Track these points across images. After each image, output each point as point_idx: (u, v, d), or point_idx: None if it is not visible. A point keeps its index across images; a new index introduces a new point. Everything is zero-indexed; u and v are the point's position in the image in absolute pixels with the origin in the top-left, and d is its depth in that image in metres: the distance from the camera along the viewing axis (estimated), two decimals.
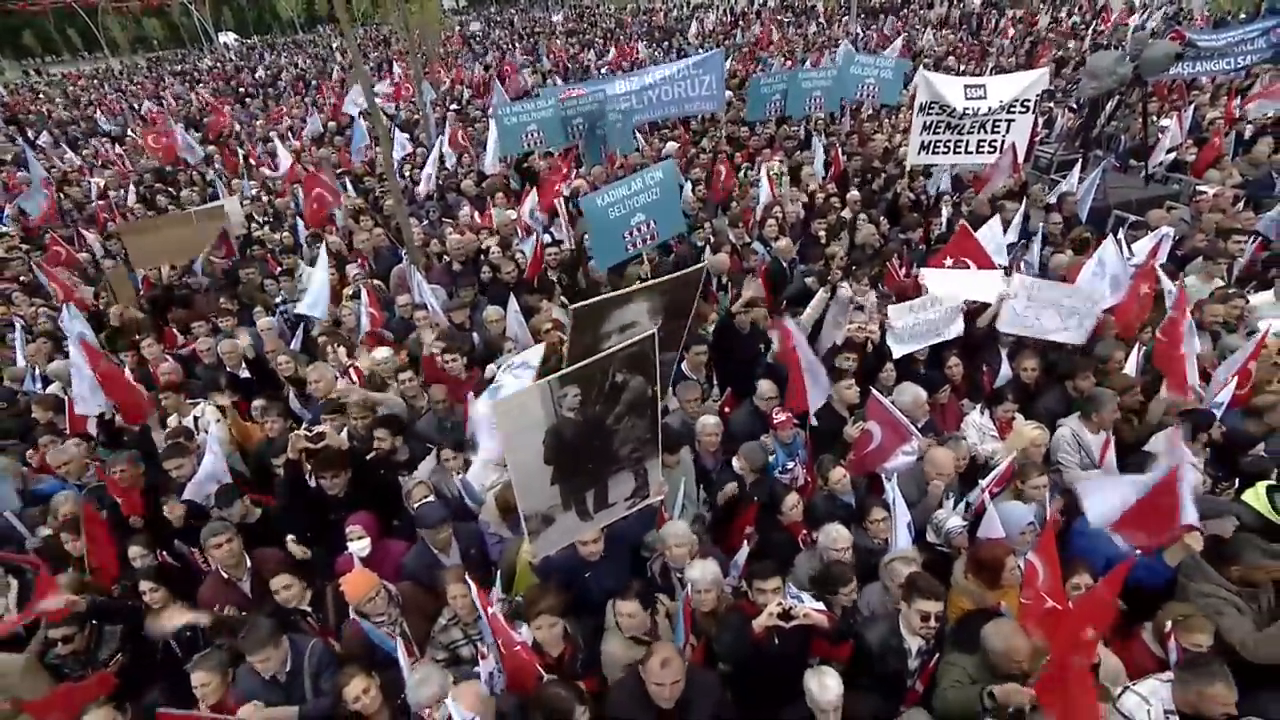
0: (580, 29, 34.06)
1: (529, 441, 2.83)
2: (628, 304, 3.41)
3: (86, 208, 12.62)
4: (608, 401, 2.96)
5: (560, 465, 2.98)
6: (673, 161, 7.51)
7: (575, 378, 2.81)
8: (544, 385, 2.76)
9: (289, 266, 7.71)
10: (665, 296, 3.50)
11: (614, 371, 2.90)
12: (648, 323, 3.51)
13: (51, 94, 28.20)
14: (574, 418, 2.88)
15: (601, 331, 3.38)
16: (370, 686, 3.18)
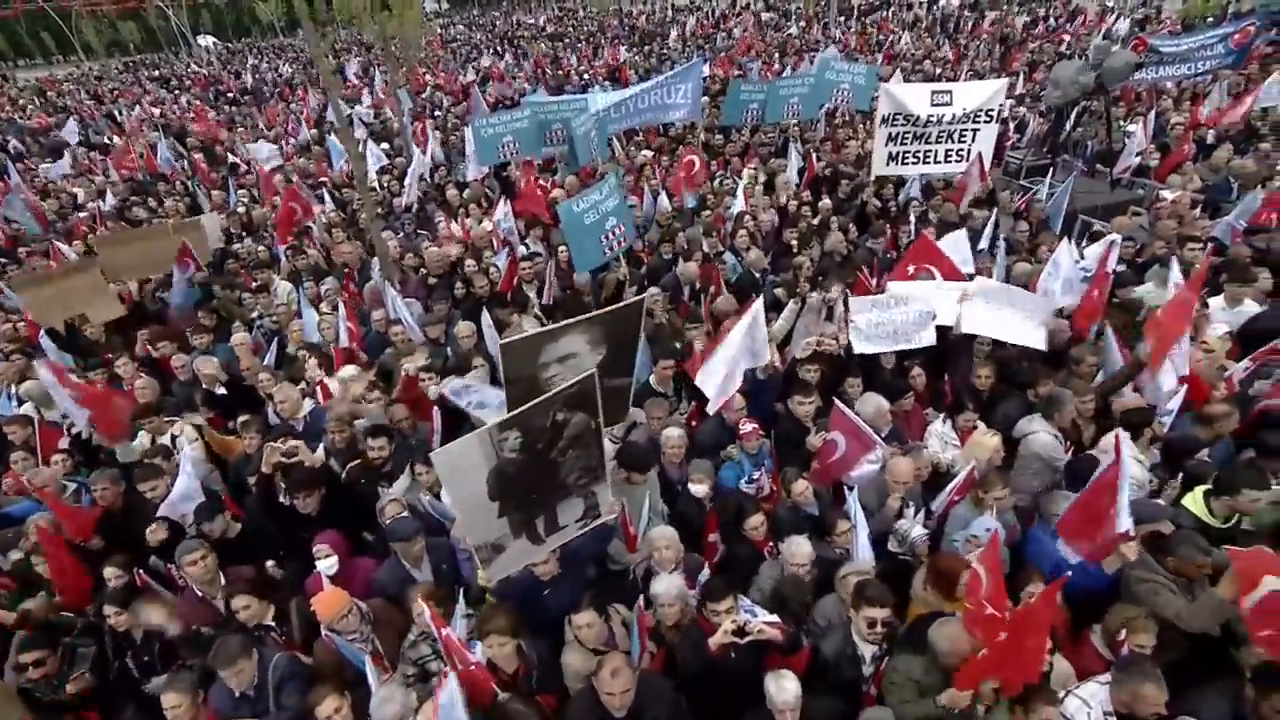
0: (562, 32, 34.11)
1: (471, 482, 2.90)
2: (563, 337, 3.41)
3: (68, 218, 12.53)
4: (550, 439, 3.04)
5: (506, 500, 3.06)
6: (618, 169, 7.65)
7: (515, 423, 2.88)
8: (483, 433, 2.81)
9: (264, 281, 7.72)
10: (605, 329, 3.52)
11: (554, 412, 2.98)
12: (588, 354, 3.54)
13: (25, 100, 27.79)
14: (517, 457, 2.95)
15: (540, 363, 3.41)
16: (342, 705, 3.24)
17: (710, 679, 3.38)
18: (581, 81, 19.30)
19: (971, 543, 3.96)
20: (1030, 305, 5.34)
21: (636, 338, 3.73)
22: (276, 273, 8.38)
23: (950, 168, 8.49)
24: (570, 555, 3.94)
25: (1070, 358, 5.20)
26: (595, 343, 3.51)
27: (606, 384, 3.81)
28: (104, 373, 6.26)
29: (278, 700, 3.52)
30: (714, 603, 3.33)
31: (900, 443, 4.95)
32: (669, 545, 3.88)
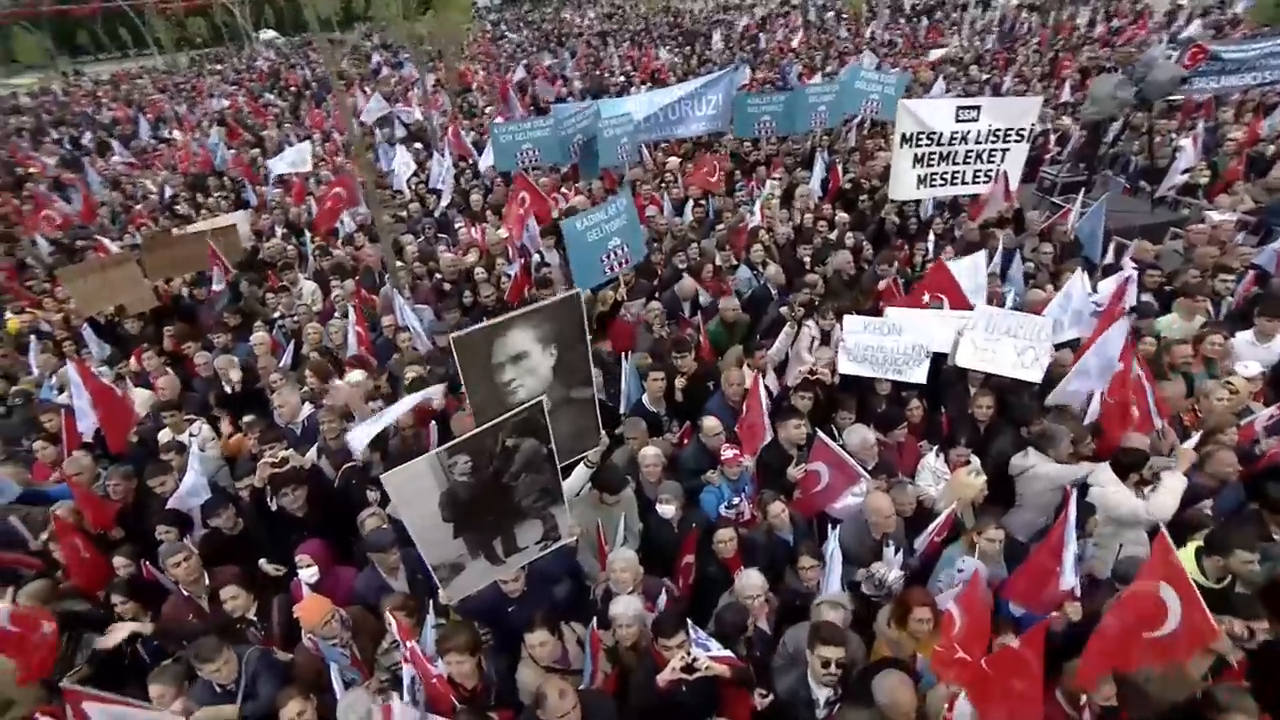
0: (609, 30, 34.16)
1: (424, 504, 3.01)
2: (509, 331, 3.47)
3: (130, 209, 13.25)
4: (501, 463, 3.12)
5: (460, 522, 3.15)
6: (628, 188, 7.64)
7: (463, 447, 2.97)
8: (431, 457, 2.91)
9: (288, 281, 8.03)
10: (550, 324, 3.58)
11: (503, 438, 3.05)
12: (539, 353, 3.61)
13: (102, 94, 29.30)
14: (467, 480, 3.04)
15: (493, 363, 3.47)
16: (306, 709, 3.39)
17: (661, 713, 3.41)
18: (621, 83, 19.34)
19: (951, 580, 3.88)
20: (1033, 334, 5.18)
21: (582, 335, 3.78)
22: (303, 272, 8.72)
23: (979, 188, 8.23)
24: (536, 575, 4.03)
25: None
26: (544, 340, 3.59)
27: (572, 395, 3.93)
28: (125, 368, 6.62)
29: (252, 691, 3.71)
30: (664, 638, 3.34)
31: (890, 475, 4.87)
32: (626, 568, 3.93)
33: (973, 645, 3.03)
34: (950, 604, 3.27)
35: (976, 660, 3.09)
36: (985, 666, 3.04)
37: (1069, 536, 3.36)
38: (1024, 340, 5.18)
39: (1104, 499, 4.21)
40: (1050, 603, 3.50)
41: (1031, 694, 2.92)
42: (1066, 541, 3.36)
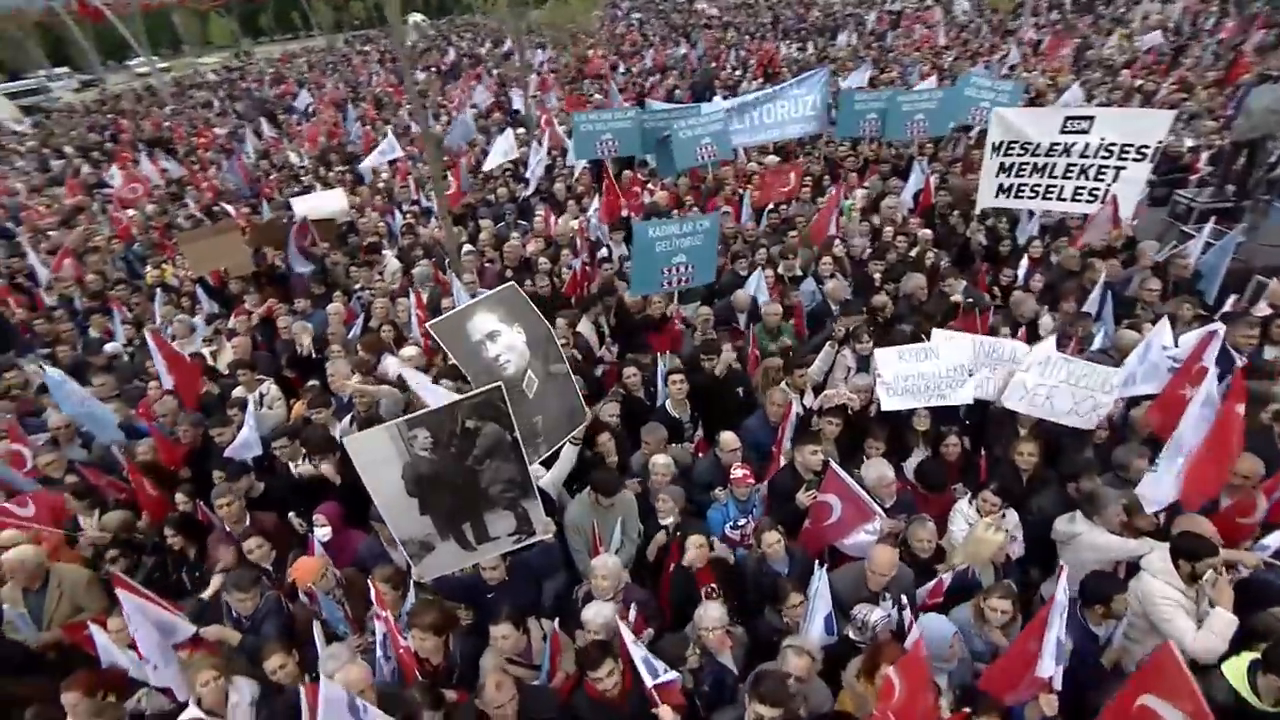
0: (736, 22, 33.62)
1: (387, 475, 3.17)
2: (474, 314, 3.76)
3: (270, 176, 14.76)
4: (462, 444, 3.21)
5: (425, 500, 3.29)
6: (718, 215, 7.47)
7: (423, 422, 3.10)
8: (391, 428, 3.07)
9: (370, 257, 8.61)
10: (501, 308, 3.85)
11: (462, 418, 3.14)
12: (509, 330, 3.86)
13: (263, 72, 32.57)
14: (428, 457, 3.16)
15: (473, 341, 3.72)
16: (287, 663, 3.69)
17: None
18: (737, 78, 18.99)
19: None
20: (1096, 385, 4.63)
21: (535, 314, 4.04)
22: (391, 249, 9.33)
23: (1075, 207, 7.42)
24: (521, 567, 4.13)
25: (1114, 459, 4.46)
26: (506, 320, 3.87)
27: (550, 370, 4.08)
28: (224, 324, 7.40)
29: (255, 628, 4.10)
30: (594, 670, 3.29)
31: (909, 515, 4.56)
32: (607, 575, 3.91)
33: (909, 715, 2.79)
34: (890, 669, 3.02)
35: None
36: None
37: (1053, 617, 2.99)
38: (1085, 390, 4.64)
39: (1149, 595, 3.67)
40: (1026, 693, 3.14)
41: None
42: (1050, 623, 2.99)
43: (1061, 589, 3.07)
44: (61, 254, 10.16)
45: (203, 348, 7.19)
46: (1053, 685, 2.97)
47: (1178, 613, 3.56)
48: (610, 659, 3.34)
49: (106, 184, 15.91)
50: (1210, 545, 3.61)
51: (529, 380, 3.98)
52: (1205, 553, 3.57)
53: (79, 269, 9.92)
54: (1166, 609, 3.58)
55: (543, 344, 4.10)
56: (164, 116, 24.01)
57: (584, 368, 6.31)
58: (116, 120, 24.63)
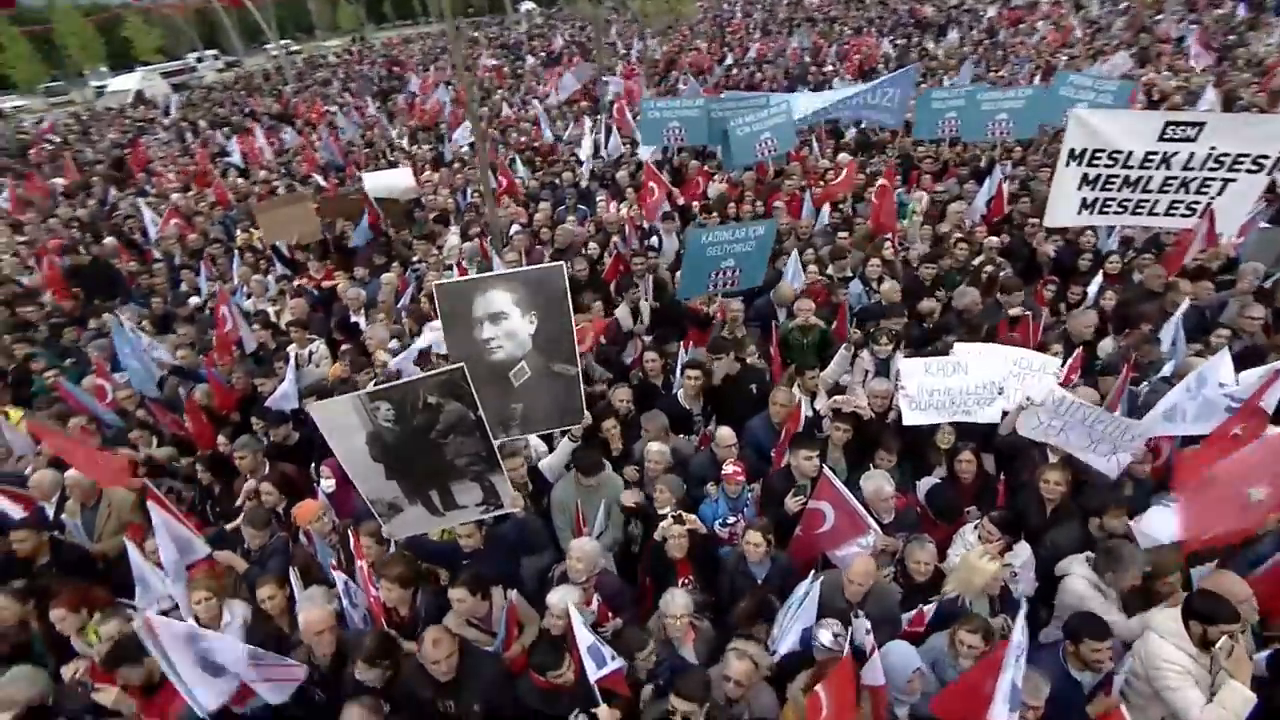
0: (841, 16, 32.45)
1: (353, 441, 3.32)
2: (489, 290, 3.70)
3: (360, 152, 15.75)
4: (425, 419, 3.30)
5: (390, 466, 3.42)
6: (774, 222, 7.25)
7: (384, 396, 3.21)
8: (354, 398, 3.21)
9: (431, 231, 9.01)
10: (528, 290, 3.70)
11: (424, 394, 3.23)
12: (518, 317, 3.79)
13: (378, 55, 34.56)
14: (391, 427, 3.28)
15: (473, 317, 3.70)
16: (277, 595, 4.02)
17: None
18: (829, 73, 18.38)
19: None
20: (1115, 435, 4.21)
21: (563, 309, 3.87)
22: (453, 226, 9.72)
23: (1168, 222, 6.67)
24: (498, 538, 4.23)
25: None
26: (523, 305, 3.77)
27: (554, 368, 4.05)
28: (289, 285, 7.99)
29: (263, 563, 4.46)
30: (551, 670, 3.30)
31: (909, 533, 4.30)
32: (580, 558, 3.92)
33: None
34: (819, 687, 2.86)
35: None
36: None
37: (1009, 659, 2.73)
38: (1100, 433, 4.22)
39: (1153, 659, 3.26)
40: None
41: None
42: (1005, 665, 2.74)
43: (1019, 628, 2.81)
44: (169, 214, 11.25)
45: (268, 306, 7.76)
46: None
47: (1185, 681, 3.16)
48: (565, 657, 3.35)
49: (228, 153, 17.46)
50: (1230, 610, 3.15)
51: (519, 370, 4.02)
52: (1222, 617, 3.12)
53: (184, 228, 10.96)
54: (1172, 676, 3.18)
55: (555, 343, 4.05)
56: (288, 94, 25.99)
57: (609, 351, 6.37)
58: (249, 96, 26.94)
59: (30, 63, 42.80)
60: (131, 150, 19.56)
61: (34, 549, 4.63)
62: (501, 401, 4.07)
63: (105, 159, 19.44)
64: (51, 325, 8.25)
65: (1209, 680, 3.14)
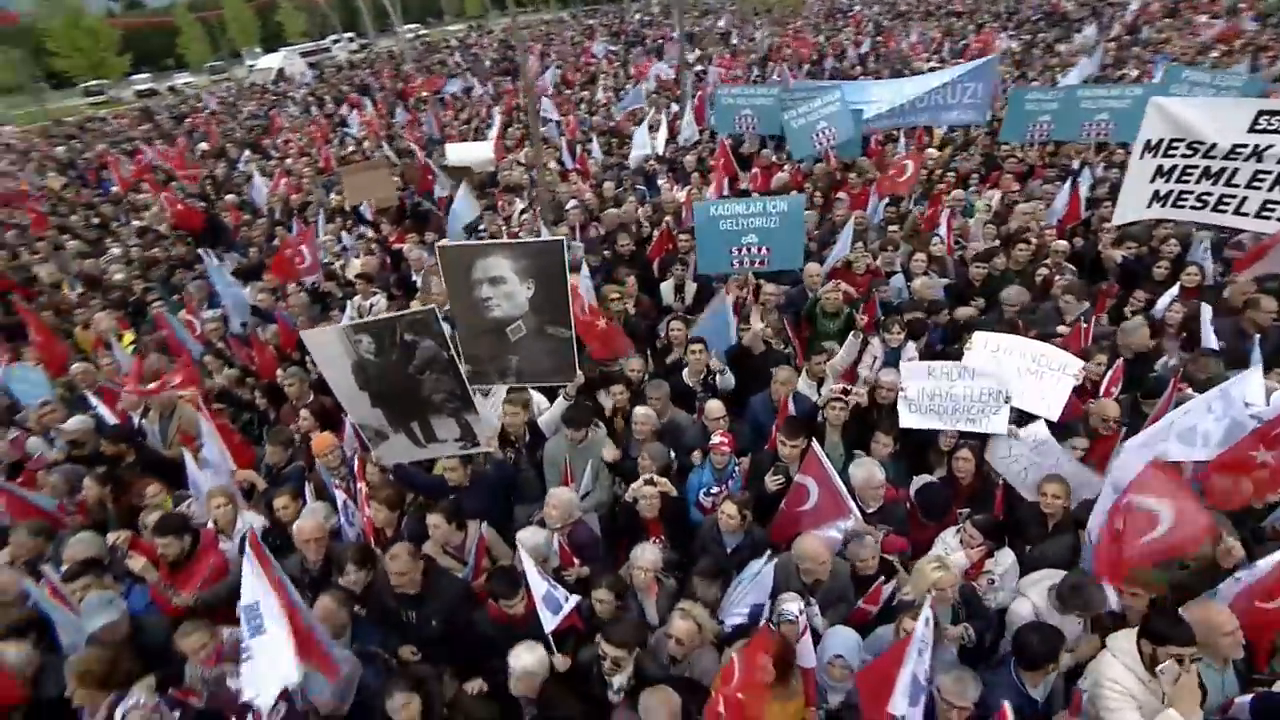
0: (968, 9, 30.59)
1: (340, 369, 3.70)
2: (490, 255, 3.96)
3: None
4: (402, 354, 3.62)
5: (374, 394, 3.78)
6: (801, 198, 7.14)
7: (366, 329, 3.57)
8: (339, 329, 3.59)
9: (505, 201, 9.58)
10: (528, 259, 3.92)
11: (401, 331, 3.54)
12: (517, 283, 4.03)
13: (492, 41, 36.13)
14: (373, 359, 3.61)
15: (473, 278, 3.98)
16: (290, 505, 4.47)
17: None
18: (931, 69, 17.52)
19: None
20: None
21: (560, 279, 4.07)
22: (522, 198, 10.20)
23: (1259, 225, 5.97)
24: (485, 479, 4.53)
25: None
26: (522, 273, 4.01)
27: (547, 330, 4.31)
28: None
29: (277, 479, 4.99)
30: (504, 600, 3.57)
31: (894, 527, 4.23)
32: (556, 506, 4.13)
33: (734, 702, 2.72)
34: (734, 651, 2.93)
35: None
36: None
37: (910, 652, 2.69)
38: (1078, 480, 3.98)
39: (1099, 678, 3.08)
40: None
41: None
42: (906, 658, 2.69)
43: (923, 620, 2.76)
44: (279, 176, 12.46)
45: (334, 260, 8.54)
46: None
47: (1124, 704, 2.96)
48: (520, 590, 3.57)
49: (348, 125, 19.02)
50: (1184, 633, 2.91)
51: (515, 328, 4.28)
52: (1173, 639, 2.90)
53: (291, 189, 12.11)
54: (1112, 698, 2.99)
55: (552, 308, 4.28)
56: (409, 74, 27.83)
57: (634, 321, 6.54)
58: (373, 75, 29.01)
59: (199, 44, 48.06)
60: (269, 121, 21.68)
61: (119, 449, 5.42)
62: (499, 352, 4.36)
63: (242, 128, 21.60)
64: (170, 266, 9.43)
65: (1156, 704, 2.93)
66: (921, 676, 2.73)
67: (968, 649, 3.56)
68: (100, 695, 3.31)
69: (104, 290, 8.87)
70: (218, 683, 3.38)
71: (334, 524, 4.33)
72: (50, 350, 7.29)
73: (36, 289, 9.47)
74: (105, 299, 8.53)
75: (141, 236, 10.70)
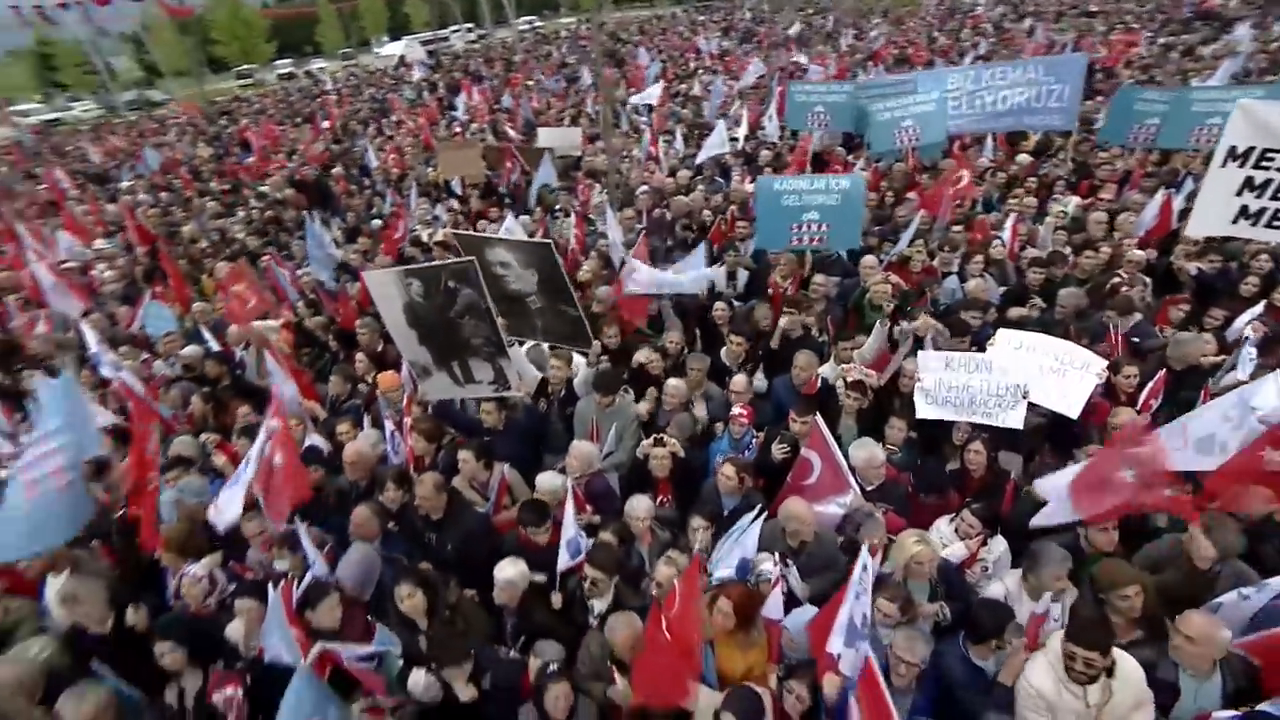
0: (1102, 10, 28.34)
1: (393, 307, 4.23)
2: (494, 246, 4.58)
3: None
4: (445, 298, 4.09)
5: (421, 334, 4.29)
6: (862, 177, 7.13)
7: (415, 274, 4.08)
8: (394, 272, 4.11)
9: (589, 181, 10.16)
10: (523, 255, 4.47)
11: (445, 278, 4.01)
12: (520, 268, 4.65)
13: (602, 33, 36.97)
14: (421, 301, 4.10)
15: (487, 259, 4.51)
16: (350, 431, 5.09)
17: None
18: None
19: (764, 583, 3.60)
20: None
21: (559, 277, 4.56)
22: (601, 183, 10.67)
23: None
24: (517, 425, 4.97)
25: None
26: (523, 264, 4.49)
27: (559, 307, 4.71)
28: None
29: (338, 410, 5.70)
30: (531, 526, 4.00)
31: (892, 506, 4.32)
32: (577, 456, 4.52)
33: (674, 626, 3.00)
34: (677, 581, 3.18)
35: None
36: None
37: (849, 594, 2.84)
38: None
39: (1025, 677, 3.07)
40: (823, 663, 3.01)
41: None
42: (845, 600, 2.85)
43: (861, 564, 2.91)
44: (390, 151, 13.59)
45: (420, 229, 9.35)
46: (840, 667, 2.86)
47: (1034, 709, 2.98)
48: (545, 522, 4.01)
49: (455, 108, 20.29)
50: (1096, 639, 2.88)
51: (532, 300, 4.78)
52: (1082, 642, 2.87)
53: (397, 164, 13.22)
54: (1024, 700, 3.02)
55: (555, 290, 4.83)
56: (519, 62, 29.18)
57: (689, 302, 6.79)
58: (485, 63, 30.56)
59: (335, 32, 52.09)
60: (386, 103, 23.43)
61: (219, 373, 6.30)
62: (524, 314, 4.82)
63: (363, 109, 23.45)
64: (282, 227, 10.62)
65: (1084, 713, 2.91)
66: (859, 620, 2.89)
67: (943, 628, 3.63)
68: (179, 560, 4.02)
69: (228, 244, 10.10)
70: (267, 566, 4.03)
71: (382, 450, 4.92)
72: (181, 292, 8.48)
73: (177, 241, 10.89)
74: (228, 252, 9.73)
75: (261, 200, 12.01)
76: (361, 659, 3.18)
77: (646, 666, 3.09)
